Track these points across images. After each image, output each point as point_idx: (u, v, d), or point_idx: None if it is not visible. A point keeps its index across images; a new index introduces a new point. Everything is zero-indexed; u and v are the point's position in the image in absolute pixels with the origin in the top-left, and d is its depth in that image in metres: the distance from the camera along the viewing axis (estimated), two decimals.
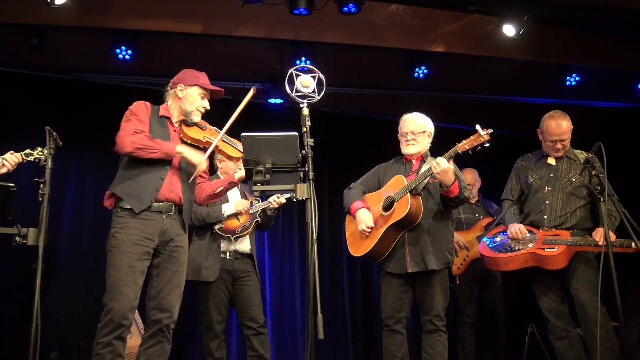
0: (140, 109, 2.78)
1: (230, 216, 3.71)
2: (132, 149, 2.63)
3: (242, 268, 3.72)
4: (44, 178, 2.41)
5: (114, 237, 2.66)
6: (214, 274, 3.61)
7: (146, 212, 2.68)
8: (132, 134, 2.67)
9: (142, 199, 2.67)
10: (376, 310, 5.50)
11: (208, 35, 4.63)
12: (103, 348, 2.53)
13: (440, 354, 3.09)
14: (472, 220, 4.43)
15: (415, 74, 5.01)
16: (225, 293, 3.68)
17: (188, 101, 2.82)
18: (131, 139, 2.64)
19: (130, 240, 2.63)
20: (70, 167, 4.73)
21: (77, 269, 4.62)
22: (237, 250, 3.73)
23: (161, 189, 2.71)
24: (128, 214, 2.67)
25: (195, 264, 3.60)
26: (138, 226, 2.66)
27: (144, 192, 2.68)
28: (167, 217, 2.74)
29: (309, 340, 2.07)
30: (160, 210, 2.72)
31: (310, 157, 2.31)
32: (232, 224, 3.73)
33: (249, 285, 3.72)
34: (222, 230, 3.69)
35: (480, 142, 2.90)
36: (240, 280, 3.72)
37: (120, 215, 2.69)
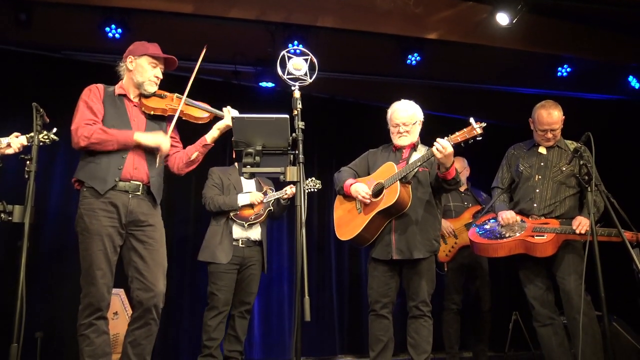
0: (91, 95, 2.73)
1: (244, 205, 3.95)
2: (86, 144, 2.60)
3: (251, 255, 4.00)
4: (30, 155, 2.38)
5: (82, 219, 2.64)
6: (227, 256, 3.88)
7: (111, 191, 2.64)
8: (84, 126, 2.61)
9: (105, 180, 2.64)
10: (363, 295, 5.51)
11: (199, 15, 4.56)
12: (86, 328, 2.55)
13: (424, 339, 3.12)
14: (461, 207, 4.45)
15: (408, 60, 4.99)
16: (234, 277, 3.95)
17: (138, 72, 2.79)
18: (84, 133, 2.60)
19: (99, 223, 2.60)
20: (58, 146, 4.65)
21: (63, 248, 4.57)
22: (249, 237, 4.00)
23: (124, 168, 2.67)
24: (92, 194, 2.64)
25: (210, 247, 3.91)
26: (103, 207, 2.63)
27: (107, 173, 2.64)
28: (134, 197, 2.70)
29: (295, 323, 2.07)
30: (126, 190, 2.68)
31: (300, 140, 2.29)
32: (246, 211, 3.99)
33: (253, 272, 4.00)
34: (236, 216, 3.96)
35: (473, 135, 2.90)
36: (247, 267, 3.99)
37: (85, 196, 2.66)
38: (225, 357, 3.96)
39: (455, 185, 3.15)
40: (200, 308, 4.10)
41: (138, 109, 2.80)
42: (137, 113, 2.80)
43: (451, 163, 2.99)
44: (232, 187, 4.05)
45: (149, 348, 2.70)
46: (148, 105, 2.80)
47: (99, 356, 2.54)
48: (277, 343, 5.20)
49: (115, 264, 2.65)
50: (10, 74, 4.65)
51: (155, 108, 2.79)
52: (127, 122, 2.73)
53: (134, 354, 2.64)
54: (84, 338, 2.54)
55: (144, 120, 2.80)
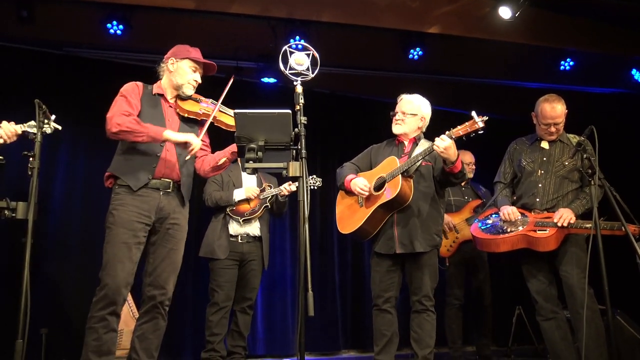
0: (130, 90, 2.77)
1: (241, 200, 3.98)
2: (118, 130, 2.62)
3: (250, 250, 4.04)
4: (33, 151, 2.38)
5: (111, 213, 2.67)
6: (224, 252, 3.93)
7: (143, 188, 2.69)
8: (120, 115, 2.65)
9: (138, 177, 2.69)
10: (365, 290, 5.55)
11: (201, 11, 4.56)
12: (97, 322, 2.55)
13: (428, 333, 3.13)
14: (461, 202, 4.45)
15: (410, 55, 4.98)
16: (234, 272, 3.99)
17: (179, 74, 2.84)
18: (117, 121, 2.62)
19: (127, 217, 2.64)
20: (60, 143, 4.67)
21: (66, 244, 4.60)
22: (249, 233, 4.03)
23: (157, 166, 2.72)
24: (125, 191, 2.69)
25: (209, 242, 3.97)
26: (135, 203, 2.67)
27: (141, 170, 2.70)
28: (164, 194, 2.75)
29: (299, 318, 2.08)
30: (157, 187, 2.73)
31: (303, 135, 2.29)
32: (242, 207, 4.02)
33: (254, 268, 4.04)
34: (232, 212, 3.99)
35: (474, 128, 2.89)
36: (247, 263, 4.03)
37: (117, 192, 2.70)
38: (229, 353, 3.99)
39: (462, 177, 3.15)
40: (203, 304, 4.12)
41: (173, 110, 2.85)
42: (172, 114, 2.85)
43: (456, 157, 2.98)
44: (232, 183, 4.08)
45: (156, 343, 2.73)
46: (183, 107, 2.83)
47: (103, 353, 2.55)
48: (280, 339, 5.22)
49: (137, 262, 2.67)
50: (12, 71, 4.65)
51: (189, 111, 2.83)
52: (162, 121, 2.77)
53: (141, 349, 2.67)
54: (93, 331, 2.54)
55: (177, 121, 2.84)
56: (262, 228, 4.08)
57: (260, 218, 4.07)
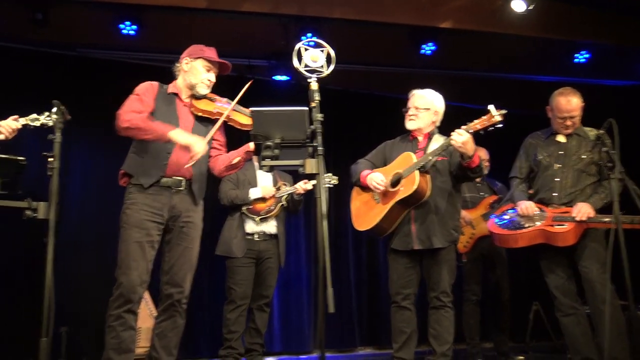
0: (145, 90, 2.79)
1: (256, 199, 3.99)
2: (126, 127, 2.64)
3: (267, 248, 4.04)
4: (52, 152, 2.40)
5: (124, 212, 2.70)
6: (241, 250, 3.95)
7: (154, 187, 2.70)
8: (130, 112, 2.67)
9: (150, 174, 2.70)
10: (381, 287, 5.55)
11: (212, 10, 4.57)
12: (114, 320, 2.58)
13: (446, 329, 3.11)
14: (477, 198, 4.42)
15: (422, 50, 4.95)
16: (251, 270, 4.00)
17: (192, 74, 2.84)
18: (127, 117, 2.65)
19: (139, 216, 2.66)
20: (74, 143, 4.71)
21: (83, 243, 4.65)
22: (264, 231, 4.04)
23: (168, 164, 2.73)
24: (137, 190, 2.71)
25: (226, 241, 3.98)
26: (146, 201, 2.68)
27: (152, 168, 2.71)
28: (176, 192, 2.75)
29: (319, 314, 2.08)
30: (169, 185, 2.73)
31: (319, 131, 2.29)
32: (258, 206, 4.02)
33: (270, 266, 4.05)
34: (249, 210, 4.00)
35: (492, 122, 2.87)
36: (264, 261, 4.03)
37: (130, 191, 2.73)
38: (247, 350, 4.00)
39: (480, 172, 3.14)
40: (220, 302, 4.14)
41: (188, 109, 2.85)
42: (186, 113, 2.85)
43: (473, 151, 2.96)
44: (247, 182, 4.08)
45: (175, 341, 2.76)
46: (197, 106, 2.84)
47: (122, 351, 2.57)
48: (296, 336, 5.23)
49: (152, 260, 2.69)
50: (27, 73, 4.70)
51: (203, 110, 2.84)
52: (175, 120, 2.78)
53: (160, 346, 2.70)
54: (111, 330, 2.57)
55: (192, 120, 2.84)
56: (278, 226, 4.09)
57: (276, 216, 4.08)
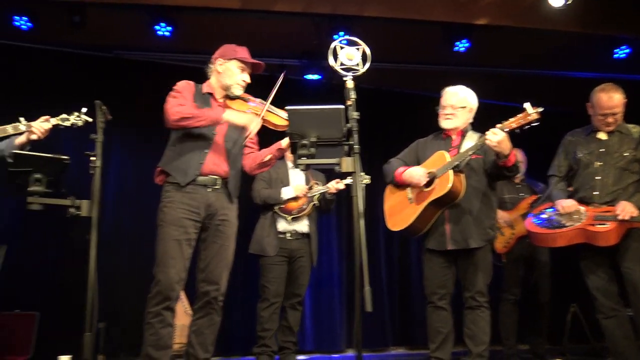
0: (184, 87, 2.83)
1: (289, 198, 4.01)
2: (179, 117, 2.66)
3: (299, 247, 4.06)
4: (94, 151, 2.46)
5: (162, 210, 2.73)
6: (274, 249, 3.97)
7: (191, 185, 2.73)
8: (177, 105, 2.70)
9: (186, 172, 2.73)
10: (413, 286, 5.52)
11: (245, 10, 4.61)
12: (153, 317, 2.62)
13: (482, 330, 3.07)
14: (516, 199, 4.34)
15: (455, 47, 4.89)
16: (283, 268, 4.01)
17: (227, 75, 2.86)
18: (177, 109, 2.68)
19: (176, 214, 2.69)
20: (111, 143, 4.81)
21: (119, 240, 4.75)
22: (297, 230, 4.06)
23: (205, 162, 2.76)
24: (174, 188, 2.74)
25: (258, 239, 4.01)
26: (183, 199, 2.71)
27: (189, 166, 2.74)
28: (212, 191, 2.78)
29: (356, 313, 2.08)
30: (205, 184, 2.76)
31: (355, 130, 2.29)
32: (290, 205, 4.04)
33: (303, 264, 4.07)
34: (281, 210, 4.03)
35: (528, 120, 2.80)
36: (296, 260, 4.05)
37: (167, 190, 2.76)
38: (280, 348, 4.03)
39: (516, 171, 3.08)
40: (254, 300, 4.17)
41: (222, 109, 2.87)
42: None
43: (509, 150, 2.91)
44: (279, 180, 4.10)
45: (212, 338, 2.79)
46: (232, 107, 2.87)
47: (161, 347, 2.61)
48: (328, 335, 5.24)
49: (189, 258, 2.72)
50: (65, 75, 4.83)
51: (238, 111, 2.85)
52: None
53: (197, 343, 2.74)
54: (150, 326, 2.61)
55: None
56: (310, 225, 4.10)
57: (308, 215, 4.09)
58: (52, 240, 4.59)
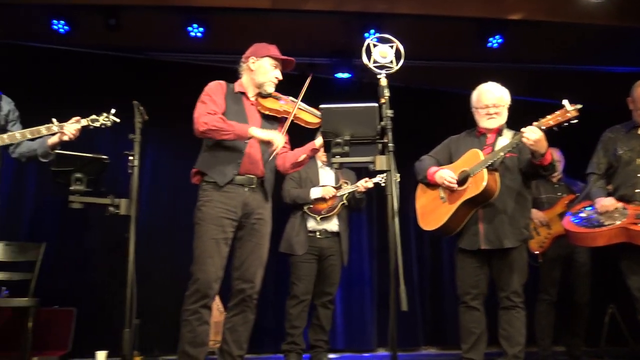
0: (215, 89, 2.84)
1: (318, 198, 4.04)
2: (205, 129, 2.69)
3: (329, 246, 4.07)
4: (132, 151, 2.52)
5: (200, 209, 2.76)
6: (302, 248, 4.01)
7: (229, 185, 2.75)
8: (206, 114, 2.71)
9: (224, 173, 2.75)
10: (445, 285, 5.46)
11: (276, 10, 4.62)
12: (190, 315, 2.65)
13: (518, 330, 3.02)
14: (553, 199, 4.26)
15: (489, 43, 4.81)
16: (313, 267, 4.04)
17: (260, 72, 2.88)
18: (204, 120, 2.69)
19: (215, 213, 2.72)
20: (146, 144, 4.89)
21: (153, 239, 4.81)
22: (326, 229, 4.08)
23: (242, 162, 2.78)
24: (212, 187, 2.76)
25: (288, 238, 4.06)
26: (221, 199, 2.74)
27: (226, 166, 2.76)
28: (249, 190, 2.80)
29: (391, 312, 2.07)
30: (242, 183, 2.78)
31: (389, 128, 2.28)
32: (319, 205, 4.07)
33: (333, 263, 4.08)
34: (310, 210, 4.06)
35: (566, 118, 2.74)
36: (327, 258, 4.07)
37: (205, 189, 2.78)
38: (311, 346, 4.04)
39: (552, 170, 3.01)
40: (283, 298, 4.20)
41: (254, 108, 2.91)
42: (253, 111, 2.90)
43: (545, 149, 2.85)
44: (309, 180, 4.12)
45: (246, 335, 2.81)
46: (264, 105, 2.89)
47: (197, 345, 2.64)
48: (359, 334, 5.23)
49: (226, 256, 2.74)
50: (102, 77, 4.94)
51: (270, 108, 2.88)
52: (244, 118, 2.83)
53: (232, 340, 2.76)
54: (187, 324, 2.65)
55: (259, 118, 2.90)
56: (340, 224, 4.10)
57: (338, 214, 4.09)
58: (89, 237, 4.71)
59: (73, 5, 4.52)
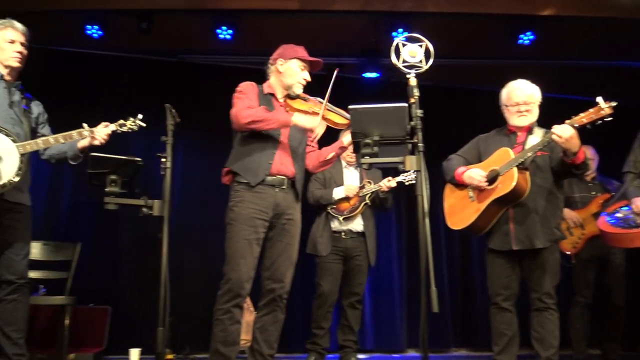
0: (249, 88, 2.87)
1: (341, 198, 4.04)
2: (249, 120, 2.70)
3: (354, 246, 4.07)
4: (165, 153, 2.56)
5: (232, 210, 2.78)
6: (326, 248, 4.02)
7: (260, 185, 2.77)
8: (246, 108, 2.74)
9: (256, 173, 2.77)
10: (475, 286, 5.39)
11: (304, 10, 4.65)
12: (223, 314, 2.68)
13: (550, 333, 2.96)
14: (587, 198, 4.15)
15: (520, 40, 4.73)
16: (338, 267, 4.05)
17: (288, 74, 2.89)
18: (247, 113, 2.71)
19: (247, 214, 2.74)
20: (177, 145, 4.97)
21: (185, 238, 4.89)
22: (351, 229, 4.08)
23: (273, 163, 2.80)
24: (244, 188, 2.78)
25: (313, 239, 4.08)
26: (253, 199, 2.76)
27: (258, 166, 2.78)
28: (280, 191, 2.82)
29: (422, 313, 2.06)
30: (273, 184, 2.80)
31: (419, 128, 2.27)
32: (342, 205, 4.08)
33: (359, 263, 4.07)
34: (333, 210, 4.08)
35: (600, 115, 2.67)
36: (352, 258, 4.07)
37: (237, 190, 2.81)
38: (341, 346, 4.05)
39: (585, 169, 2.94)
40: (312, 298, 4.21)
41: (283, 109, 2.92)
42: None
43: (578, 147, 2.79)
44: (333, 180, 4.12)
45: (276, 335, 2.83)
46: (293, 106, 2.90)
47: (229, 344, 2.67)
48: (389, 334, 5.21)
49: (257, 256, 2.77)
50: (134, 79, 5.05)
51: (299, 109, 2.89)
52: None
53: (262, 340, 2.79)
54: (219, 323, 2.67)
55: None
56: (365, 224, 4.09)
57: (362, 214, 4.08)
58: (123, 238, 4.83)
59: (106, 10, 4.63)
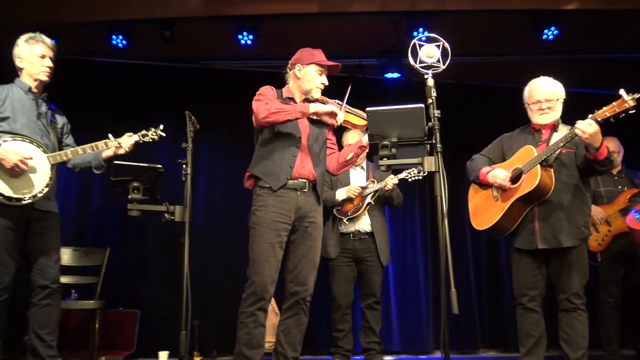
0: (267, 91, 2.90)
1: (345, 200, 4.01)
2: (268, 114, 2.71)
3: (364, 247, 4.04)
4: (185, 159, 2.60)
5: (255, 214, 2.81)
6: (335, 250, 4.02)
7: (282, 189, 2.80)
8: (265, 103, 2.77)
9: (278, 177, 2.80)
10: (503, 286, 5.31)
11: (324, 13, 4.66)
12: (247, 317, 2.70)
13: (580, 334, 2.90)
14: (614, 192, 4.05)
15: (544, 36, 4.64)
16: (350, 269, 4.03)
17: (307, 79, 2.91)
18: (265, 107, 2.73)
19: (270, 217, 2.76)
20: (200, 150, 5.05)
21: (209, 243, 4.95)
22: (359, 230, 4.05)
23: (294, 166, 2.82)
24: (266, 192, 2.81)
25: (323, 241, 3.89)
26: (275, 203, 2.78)
27: (280, 170, 2.80)
28: (302, 194, 2.84)
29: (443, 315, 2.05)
30: (295, 187, 2.82)
31: (437, 128, 2.25)
32: (346, 206, 4.06)
33: (370, 264, 4.03)
34: (338, 212, 4.07)
35: (623, 108, 2.62)
36: (363, 260, 4.04)
37: (259, 194, 2.83)
38: (364, 349, 4.03)
39: (609, 165, 2.88)
40: None
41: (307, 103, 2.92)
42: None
43: (600, 142, 2.73)
44: (339, 182, 4.11)
45: (300, 337, 2.84)
46: None
47: (253, 346, 2.69)
48: (415, 336, 5.16)
49: (280, 259, 2.79)
50: (158, 87, 5.14)
51: None
52: (294, 123, 2.87)
53: (286, 342, 2.81)
54: (243, 326, 2.70)
55: (307, 123, 2.94)
56: (373, 223, 4.04)
57: (370, 213, 4.04)
58: (149, 243, 4.91)
59: (130, 20, 4.73)
